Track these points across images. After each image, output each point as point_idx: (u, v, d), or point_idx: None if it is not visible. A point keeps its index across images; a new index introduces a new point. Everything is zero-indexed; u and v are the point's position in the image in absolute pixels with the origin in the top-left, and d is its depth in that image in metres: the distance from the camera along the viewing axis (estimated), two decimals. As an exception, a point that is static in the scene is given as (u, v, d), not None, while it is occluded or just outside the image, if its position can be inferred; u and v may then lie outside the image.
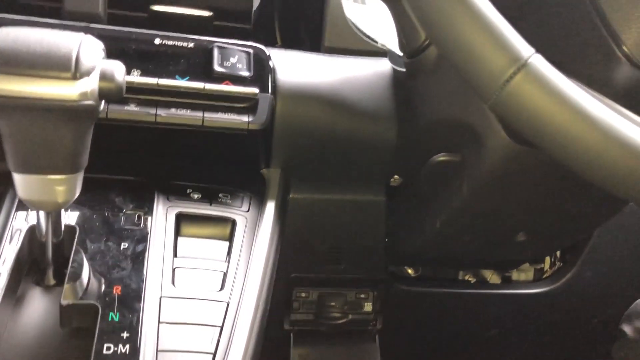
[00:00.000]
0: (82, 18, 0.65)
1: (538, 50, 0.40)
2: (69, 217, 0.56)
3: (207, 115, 0.62)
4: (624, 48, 0.47)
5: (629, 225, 0.93)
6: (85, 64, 0.42)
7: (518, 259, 0.90)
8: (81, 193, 0.47)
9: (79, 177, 0.47)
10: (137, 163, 0.64)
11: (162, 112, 0.61)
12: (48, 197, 0.46)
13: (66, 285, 0.49)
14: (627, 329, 0.91)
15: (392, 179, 0.77)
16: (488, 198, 0.67)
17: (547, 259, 0.96)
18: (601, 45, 0.47)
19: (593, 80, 0.46)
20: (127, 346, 0.47)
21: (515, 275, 0.97)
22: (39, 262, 0.53)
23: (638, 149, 0.38)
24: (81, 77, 0.42)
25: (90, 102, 0.42)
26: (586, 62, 0.49)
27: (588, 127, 0.39)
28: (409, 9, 0.43)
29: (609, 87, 0.48)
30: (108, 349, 0.47)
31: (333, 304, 0.85)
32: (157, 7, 0.72)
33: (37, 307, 0.51)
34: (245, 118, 0.63)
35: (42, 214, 0.49)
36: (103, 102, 0.44)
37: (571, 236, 0.85)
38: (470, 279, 0.96)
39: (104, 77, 0.43)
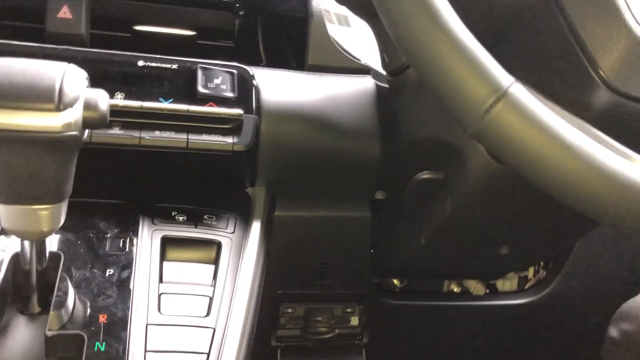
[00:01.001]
0: (64, 39, 0.65)
1: (518, 75, 0.41)
2: (53, 243, 0.56)
3: (192, 137, 0.62)
4: (601, 72, 0.48)
5: (611, 233, 0.94)
6: (69, 94, 0.42)
7: (502, 270, 0.91)
8: (65, 218, 0.47)
9: (64, 206, 0.46)
10: (122, 186, 0.64)
11: (146, 135, 0.61)
12: (32, 227, 0.45)
13: (51, 314, 0.49)
14: (613, 331, 0.92)
15: (378, 194, 0.77)
16: (471, 214, 0.68)
17: (531, 267, 0.98)
18: (579, 70, 0.48)
19: (573, 104, 0.47)
20: (114, 377, 0.47)
21: (500, 283, 0.98)
22: (22, 290, 0.53)
23: (613, 176, 0.39)
24: (65, 108, 0.41)
25: (74, 132, 0.42)
26: (566, 86, 0.49)
27: (566, 155, 0.40)
28: (390, 34, 0.44)
29: (589, 110, 0.49)
30: (94, 380, 0.47)
31: (319, 318, 0.85)
32: (140, 27, 0.72)
33: (22, 336, 0.51)
34: (229, 139, 0.63)
35: (26, 242, 0.49)
36: (87, 130, 0.44)
37: (554, 248, 0.86)
38: (455, 289, 0.97)
39: (87, 107, 0.43)
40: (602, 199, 0.40)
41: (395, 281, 0.96)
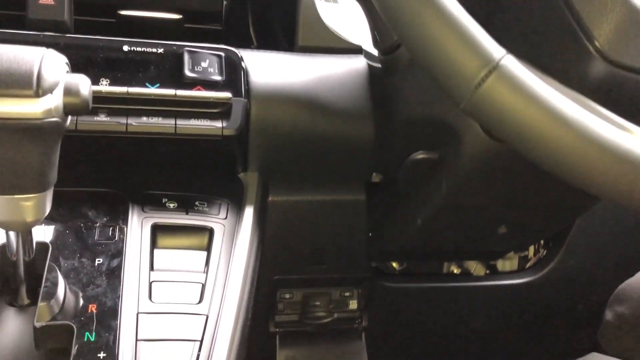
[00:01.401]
0: (47, 26, 0.63)
1: (511, 49, 0.40)
2: (40, 233, 0.55)
3: (180, 122, 0.61)
4: (596, 44, 0.46)
5: (610, 211, 0.93)
6: (48, 79, 0.40)
7: (502, 250, 0.90)
8: (52, 207, 0.46)
9: (49, 195, 0.45)
10: (110, 174, 0.63)
11: (133, 122, 0.60)
12: (16, 217, 0.44)
13: (40, 305, 0.48)
14: (609, 314, 0.91)
15: (374, 175, 0.76)
16: (468, 194, 0.67)
17: (531, 247, 0.97)
18: (574, 42, 0.47)
19: (568, 76, 0.46)
20: (104, 367, 0.46)
21: (500, 263, 0.98)
22: (10, 282, 0.52)
23: (610, 146, 0.38)
24: (44, 93, 0.40)
25: (55, 119, 0.41)
26: (560, 58, 0.48)
27: (560, 127, 0.38)
28: (379, 11, 0.43)
29: (584, 83, 0.47)
30: (85, 371, 0.46)
31: (318, 303, 0.84)
32: (125, 12, 0.70)
33: (11, 328, 0.50)
34: (218, 124, 0.62)
35: (11, 232, 0.48)
36: (69, 117, 0.43)
37: (553, 226, 0.85)
38: (455, 270, 0.96)
39: (68, 92, 0.42)
40: (599, 173, 0.39)
41: (394, 264, 0.95)
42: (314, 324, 0.85)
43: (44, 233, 0.55)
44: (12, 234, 0.48)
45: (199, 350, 0.49)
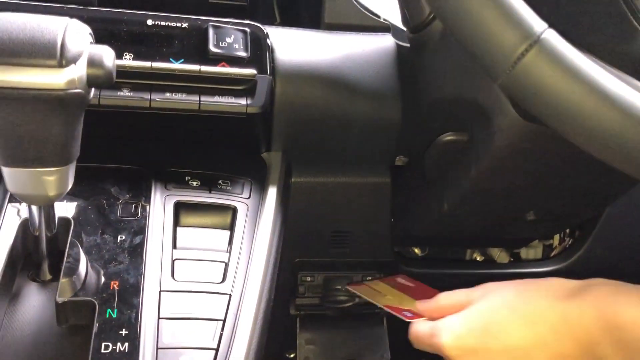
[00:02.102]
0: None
1: (552, 25, 0.38)
2: (63, 209, 0.54)
3: (204, 99, 0.60)
4: None
5: (640, 199, 0.90)
6: (72, 50, 0.39)
7: (527, 237, 0.88)
8: (75, 183, 0.45)
9: (71, 169, 0.44)
10: (133, 150, 0.62)
11: (156, 97, 0.59)
12: (38, 190, 0.44)
13: (62, 281, 0.48)
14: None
15: (397, 159, 0.75)
16: (497, 178, 0.65)
17: (557, 235, 0.94)
18: (618, 17, 0.45)
19: (610, 54, 0.44)
20: (126, 344, 0.45)
21: (524, 252, 0.96)
22: (33, 257, 0.51)
23: None
24: (68, 64, 0.39)
25: (78, 90, 0.40)
26: (603, 35, 0.46)
27: (605, 105, 0.36)
28: None
29: (627, 61, 0.45)
30: (106, 347, 0.45)
31: (339, 287, 0.83)
32: (149, -14, 0.69)
33: (33, 303, 0.49)
34: (243, 101, 0.61)
35: (34, 207, 0.47)
36: (93, 89, 0.42)
37: (583, 214, 0.83)
38: (478, 258, 0.95)
39: (92, 63, 0.40)
40: None
41: (416, 250, 0.94)
42: (334, 307, 0.83)
43: (66, 208, 0.55)
44: (34, 208, 0.47)
45: (222, 330, 0.49)
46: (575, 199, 0.72)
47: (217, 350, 0.47)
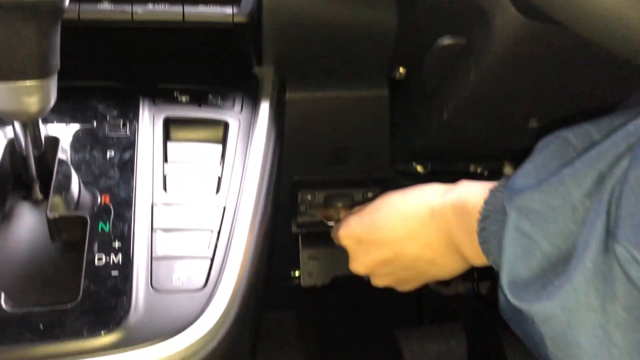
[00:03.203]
0: None
1: None
2: (50, 128, 0.53)
3: (188, 9, 0.57)
4: None
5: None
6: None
7: (531, 147, 0.86)
8: (61, 102, 0.44)
9: (52, 83, 0.43)
10: (119, 68, 0.60)
11: (138, 9, 0.56)
12: (20, 105, 0.42)
13: (52, 197, 0.47)
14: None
15: (398, 74, 0.72)
16: (498, 82, 0.63)
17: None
18: None
19: None
20: (120, 255, 0.45)
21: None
22: (23, 177, 0.51)
23: None
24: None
25: None
26: None
27: None
28: None
29: None
30: (100, 259, 0.45)
31: (340, 204, 0.83)
32: None
33: (27, 222, 0.49)
34: (229, 10, 0.58)
35: (19, 125, 0.46)
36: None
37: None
38: (482, 172, 0.93)
39: None
40: None
41: (418, 167, 0.92)
42: (336, 224, 0.83)
43: (53, 128, 0.53)
44: (19, 128, 0.46)
45: (217, 239, 0.48)
46: (578, 103, 0.70)
47: (212, 259, 0.47)
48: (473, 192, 0.49)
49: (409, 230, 0.54)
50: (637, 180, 0.34)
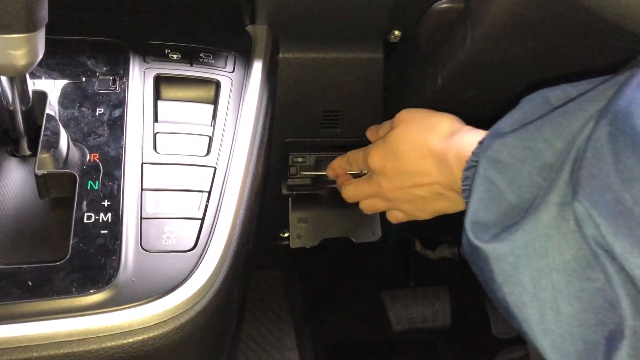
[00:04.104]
0: None
1: None
2: (38, 83, 0.52)
3: (180, -37, 0.55)
4: None
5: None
6: None
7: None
8: (49, 56, 0.43)
9: (39, 37, 0.42)
10: (109, 23, 0.58)
11: (129, -38, 0.55)
12: (7, 59, 0.41)
13: (40, 155, 0.46)
14: None
15: (392, 36, 0.71)
16: (493, 49, 0.62)
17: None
18: None
19: None
20: (109, 214, 0.45)
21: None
22: (10, 133, 0.50)
23: None
24: None
25: None
26: None
27: None
28: None
29: None
30: (89, 217, 0.45)
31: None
32: None
33: (15, 178, 0.49)
34: (222, -35, 0.56)
35: (5, 80, 0.45)
36: None
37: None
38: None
39: None
40: None
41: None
42: (326, 187, 0.83)
43: (41, 83, 0.52)
44: (6, 82, 0.45)
45: (207, 200, 0.48)
46: (572, 71, 0.70)
47: (202, 220, 0.47)
48: (468, 142, 0.52)
49: (424, 167, 0.58)
50: (600, 142, 0.36)
